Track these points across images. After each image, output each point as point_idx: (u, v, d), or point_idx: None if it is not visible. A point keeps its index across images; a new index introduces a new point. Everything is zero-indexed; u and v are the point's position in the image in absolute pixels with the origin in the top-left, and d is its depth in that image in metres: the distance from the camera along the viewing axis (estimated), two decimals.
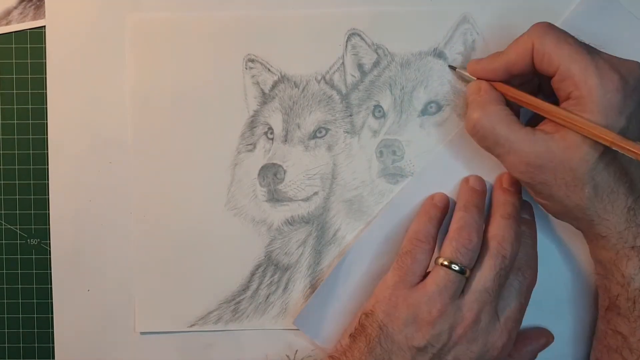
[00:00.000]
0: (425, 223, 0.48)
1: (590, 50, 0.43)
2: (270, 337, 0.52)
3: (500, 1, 0.50)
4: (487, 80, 0.47)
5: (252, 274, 0.52)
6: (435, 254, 0.48)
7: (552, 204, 0.45)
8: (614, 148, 0.41)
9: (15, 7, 0.51)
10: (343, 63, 0.51)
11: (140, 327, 0.52)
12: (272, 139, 0.51)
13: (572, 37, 0.44)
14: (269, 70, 0.51)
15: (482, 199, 0.49)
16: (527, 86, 0.47)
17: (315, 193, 0.51)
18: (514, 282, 0.47)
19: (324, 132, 0.51)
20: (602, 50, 0.44)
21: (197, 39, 0.50)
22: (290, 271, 0.52)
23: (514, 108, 0.47)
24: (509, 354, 0.48)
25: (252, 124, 0.51)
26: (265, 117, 0.51)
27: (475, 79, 0.48)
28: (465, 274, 0.45)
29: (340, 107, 0.51)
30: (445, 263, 0.45)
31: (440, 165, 0.50)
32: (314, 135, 0.51)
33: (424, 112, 0.51)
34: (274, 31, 0.50)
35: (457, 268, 0.45)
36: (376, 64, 0.51)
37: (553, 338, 0.51)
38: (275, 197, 0.51)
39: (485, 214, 0.48)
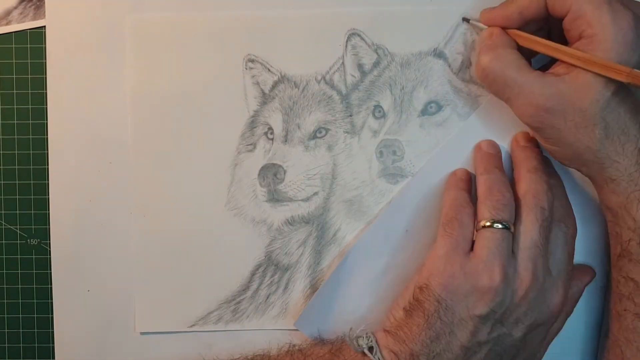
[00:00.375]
0: (459, 191, 0.48)
1: None
2: (271, 338, 0.52)
3: (500, 1, 0.50)
4: (500, 27, 0.47)
5: (252, 274, 0.52)
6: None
7: (562, 149, 0.45)
8: (629, 82, 0.41)
9: (15, 7, 0.51)
10: (343, 63, 0.51)
11: (140, 327, 0.52)
12: (272, 139, 0.51)
13: None
14: (269, 70, 0.51)
15: (499, 160, 0.48)
16: (537, 34, 0.47)
17: (315, 193, 0.51)
18: (558, 234, 0.46)
19: (324, 132, 0.51)
20: None
21: (197, 39, 0.50)
22: (290, 271, 0.52)
23: (526, 56, 0.46)
24: None
25: (252, 124, 0.51)
26: (265, 117, 0.51)
27: (486, 27, 0.47)
28: (510, 229, 0.45)
29: (340, 107, 0.51)
30: (488, 224, 0.45)
31: (440, 165, 0.50)
32: (314, 136, 0.51)
33: (424, 112, 0.51)
34: (274, 31, 0.50)
35: (500, 226, 0.44)
36: (376, 64, 0.51)
37: (595, 273, 0.50)
38: (275, 197, 0.51)
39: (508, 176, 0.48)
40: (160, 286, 0.52)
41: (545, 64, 0.47)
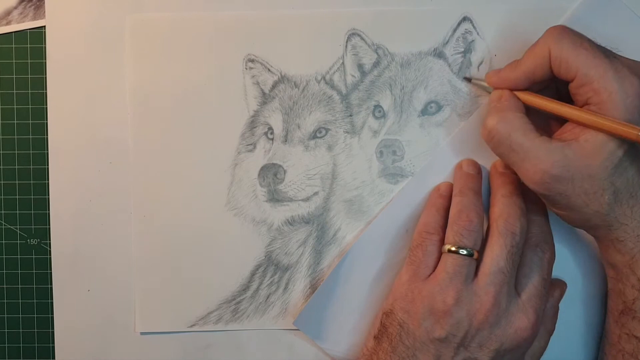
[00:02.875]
0: (434, 215, 0.48)
1: (607, 54, 0.43)
2: (271, 337, 0.52)
3: (500, 1, 0.50)
4: (507, 89, 0.47)
5: (252, 274, 0.52)
6: None
7: (570, 214, 0.44)
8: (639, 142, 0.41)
9: (15, 7, 0.51)
10: (343, 63, 0.51)
11: (140, 327, 0.52)
12: (272, 139, 0.51)
13: (589, 40, 0.43)
14: (269, 70, 0.51)
15: (477, 181, 0.48)
16: (545, 92, 0.47)
17: (316, 193, 0.51)
18: (533, 258, 0.46)
19: (324, 132, 0.51)
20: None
21: (197, 39, 0.50)
22: (290, 271, 0.52)
23: (535, 119, 0.46)
24: None
25: (252, 124, 0.51)
26: (265, 117, 0.51)
27: (492, 89, 0.47)
28: (473, 255, 0.45)
29: (340, 107, 0.51)
30: (452, 249, 0.45)
31: (440, 165, 0.50)
32: (314, 136, 0.51)
33: (424, 112, 0.51)
34: (274, 31, 0.50)
35: (464, 252, 0.45)
36: (376, 64, 0.51)
37: (566, 285, 0.50)
38: (275, 197, 0.51)
39: (485, 199, 0.48)
40: (160, 286, 0.52)
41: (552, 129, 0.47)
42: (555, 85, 0.47)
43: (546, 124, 0.47)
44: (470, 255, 0.45)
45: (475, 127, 0.50)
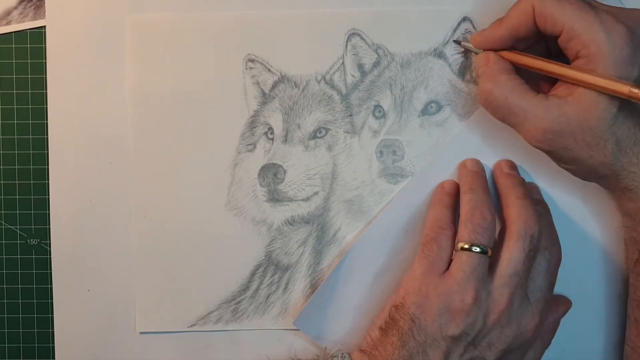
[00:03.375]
0: (443, 210, 0.48)
1: (593, 5, 0.42)
2: (271, 337, 0.52)
3: (500, 1, 0.50)
4: (493, 49, 0.46)
5: (252, 274, 0.52)
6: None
7: (577, 167, 0.45)
8: (630, 98, 0.41)
9: (15, 7, 0.51)
10: (343, 63, 0.51)
11: (140, 327, 0.52)
12: (272, 139, 0.51)
13: None
14: (269, 70, 0.51)
15: (484, 179, 0.48)
16: (534, 49, 0.47)
17: (316, 193, 0.51)
18: (541, 262, 0.46)
19: (324, 132, 0.51)
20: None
21: (197, 39, 0.50)
22: (290, 271, 0.52)
23: (524, 76, 0.46)
24: None
25: (252, 124, 0.51)
26: (265, 117, 0.51)
27: (481, 51, 0.47)
28: (488, 253, 0.45)
29: (340, 107, 0.51)
30: (466, 247, 0.45)
31: (440, 165, 0.50)
32: (314, 135, 0.51)
33: (424, 112, 0.51)
34: (274, 31, 0.50)
35: (478, 250, 0.44)
36: (376, 64, 0.51)
37: (571, 303, 0.50)
38: (275, 197, 0.51)
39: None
40: (160, 286, 0.52)
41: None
42: (545, 43, 0.47)
43: (536, 80, 0.47)
44: (484, 252, 0.45)
45: (475, 127, 0.50)
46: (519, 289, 0.45)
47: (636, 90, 0.41)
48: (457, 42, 0.50)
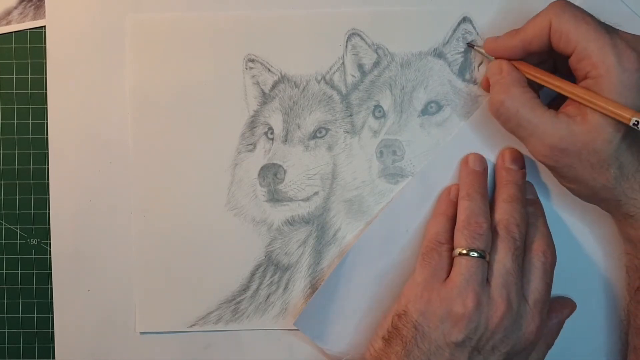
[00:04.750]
0: (444, 223, 0.48)
1: (608, 29, 0.43)
2: (270, 337, 0.52)
3: (500, 1, 0.50)
4: (504, 58, 0.47)
5: (252, 274, 0.52)
6: None
7: (579, 187, 0.45)
8: (635, 125, 0.41)
9: (15, 7, 0.51)
10: (343, 63, 0.51)
11: (140, 327, 0.52)
12: (272, 139, 0.51)
13: (590, 15, 0.43)
14: (269, 70, 0.51)
15: (484, 180, 0.48)
16: (542, 66, 0.47)
17: (316, 193, 0.51)
18: (536, 264, 0.46)
19: (324, 132, 0.51)
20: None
21: (197, 39, 0.50)
22: (290, 271, 0.52)
23: (534, 88, 0.46)
24: None
25: (252, 124, 0.51)
26: (265, 117, 0.51)
27: (493, 58, 0.47)
28: (486, 257, 0.45)
29: (340, 107, 0.51)
30: (464, 252, 0.45)
31: (441, 165, 0.50)
32: (314, 135, 0.51)
33: (424, 112, 0.51)
34: (274, 31, 0.50)
35: (475, 254, 0.45)
36: (376, 64, 0.51)
37: (576, 306, 0.50)
38: (275, 197, 0.51)
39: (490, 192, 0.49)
40: (160, 286, 0.52)
41: (555, 98, 0.47)
42: (554, 62, 0.47)
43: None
44: (482, 257, 0.45)
45: (476, 126, 0.50)
46: (514, 288, 0.45)
47: (638, 119, 0.41)
48: (471, 45, 0.49)
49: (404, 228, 0.50)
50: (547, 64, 0.47)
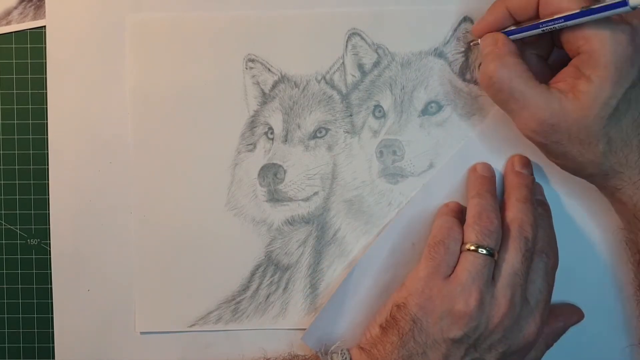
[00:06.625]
0: (450, 219, 0.47)
1: (599, 1, 0.42)
2: (270, 337, 0.52)
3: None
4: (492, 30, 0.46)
5: (252, 274, 0.52)
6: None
7: (566, 162, 0.45)
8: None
9: (15, 7, 0.51)
10: (343, 63, 0.51)
11: (140, 327, 0.52)
12: (272, 139, 0.51)
13: None
14: (269, 70, 0.51)
15: (493, 184, 0.48)
16: (541, 42, 0.47)
17: (316, 193, 0.51)
18: (539, 264, 0.46)
19: (324, 132, 0.51)
20: None
21: (197, 39, 0.50)
22: (290, 271, 0.52)
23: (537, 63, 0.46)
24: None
25: (252, 124, 0.51)
26: (265, 117, 0.51)
27: None
28: (494, 256, 0.45)
29: (340, 107, 0.51)
30: (472, 248, 0.45)
31: (448, 177, 0.50)
32: (314, 135, 0.51)
33: (424, 112, 0.51)
34: (274, 31, 0.50)
35: (484, 252, 0.44)
36: (376, 63, 0.51)
37: (583, 315, 0.50)
38: (275, 197, 0.51)
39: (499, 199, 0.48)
40: (160, 286, 0.52)
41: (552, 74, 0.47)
42: (551, 36, 0.47)
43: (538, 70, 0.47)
44: (490, 255, 0.44)
45: (482, 139, 0.50)
46: (519, 290, 0.44)
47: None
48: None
49: (410, 242, 0.50)
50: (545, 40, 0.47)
